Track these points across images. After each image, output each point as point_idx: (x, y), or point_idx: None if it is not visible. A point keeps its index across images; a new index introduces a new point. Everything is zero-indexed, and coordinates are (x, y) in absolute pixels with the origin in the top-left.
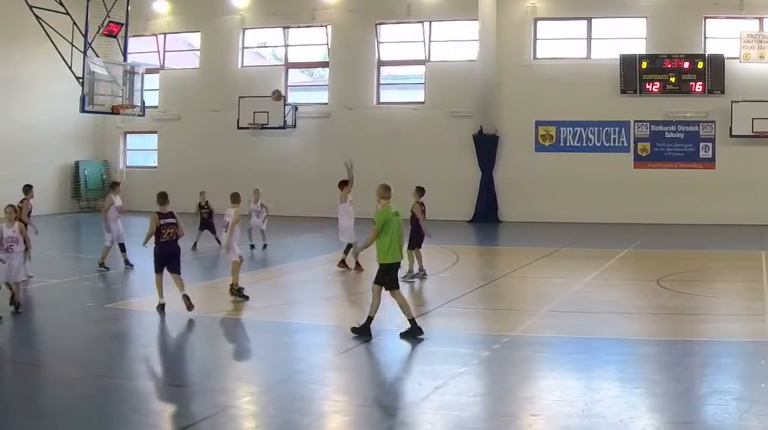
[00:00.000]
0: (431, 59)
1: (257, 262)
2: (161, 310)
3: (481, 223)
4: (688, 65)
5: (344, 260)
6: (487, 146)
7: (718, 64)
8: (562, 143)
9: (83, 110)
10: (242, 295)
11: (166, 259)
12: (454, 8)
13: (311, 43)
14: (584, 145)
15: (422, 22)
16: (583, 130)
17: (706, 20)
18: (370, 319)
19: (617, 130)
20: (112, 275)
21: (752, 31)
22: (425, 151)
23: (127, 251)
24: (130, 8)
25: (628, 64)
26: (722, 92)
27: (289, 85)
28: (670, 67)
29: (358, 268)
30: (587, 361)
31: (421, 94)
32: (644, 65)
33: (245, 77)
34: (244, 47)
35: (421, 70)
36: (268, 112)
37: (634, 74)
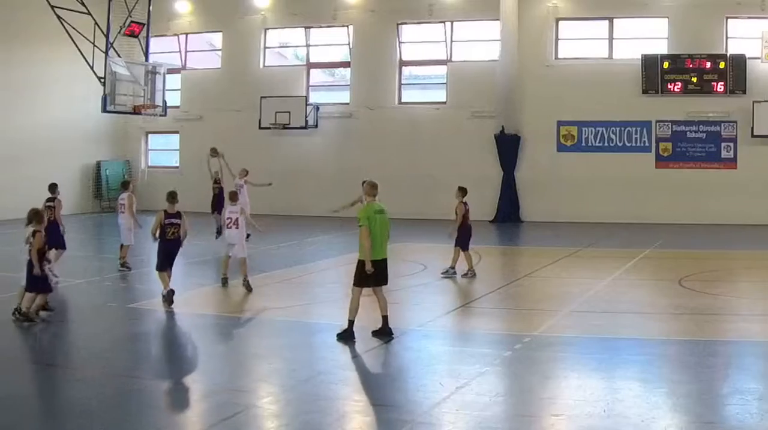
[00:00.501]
0: (453, 59)
1: (279, 262)
2: (170, 297)
3: (502, 223)
4: (709, 65)
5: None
6: (508, 146)
7: (739, 64)
8: (583, 143)
9: (105, 110)
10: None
11: (166, 256)
12: (475, 8)
13: (333, 43)
14: (606, 145)
15: (444, 22)
16: (604, 130)
17: (727, 20)
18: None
19: (639, 130)
20: (134, 275)
21: None
22: (447, 151)
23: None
24: (151, 8)
25: (649, 64)
26: (744, 92)
27: (310, 85)
28: (691, 67)
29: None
30: (609, 361)
31: (442, 94)
32: (666, 65)
33: (267, 77)
34: (265, 47)
35: (442, 70)
36: (289, 112)
37: (655, 74)
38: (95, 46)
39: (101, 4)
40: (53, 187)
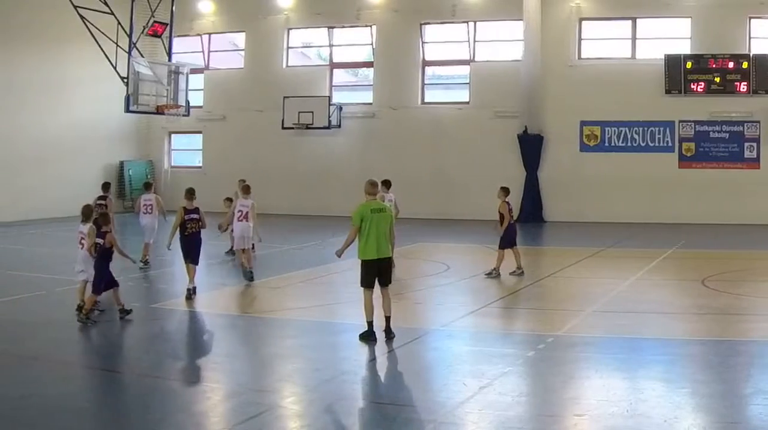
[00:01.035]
0: (476, 59)
1: (302, 262)
2: (192, 294)
3: (525, 223)
4: (732, 65)
5: None
6: (531, 146)
7: (763, 63)
8: (606, 143)
9: (128, 110)
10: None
11: (188, 251)
12: (498, 8)
13: (356, 43)
14: (629, 145)
15: (467, 22)
16: (627, 130)
17: (751, 20)
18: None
19: (662, 130)
20: (157, 275)
21: None
22: (470, 151)
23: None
24: (174, 8)
25: (672, 64)
26: (767, 92)
27: (333, 85)
28: (714, 67)
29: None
30: (632, 361)
31: (465, 94)
32: (689, 65)
33: (290, 77)
34: (288, 47)
35: (465, 70)
36: (312, 112)
37: (678, 74)
38: (118, 46)
39: (124, 4)
40: (106, 186)
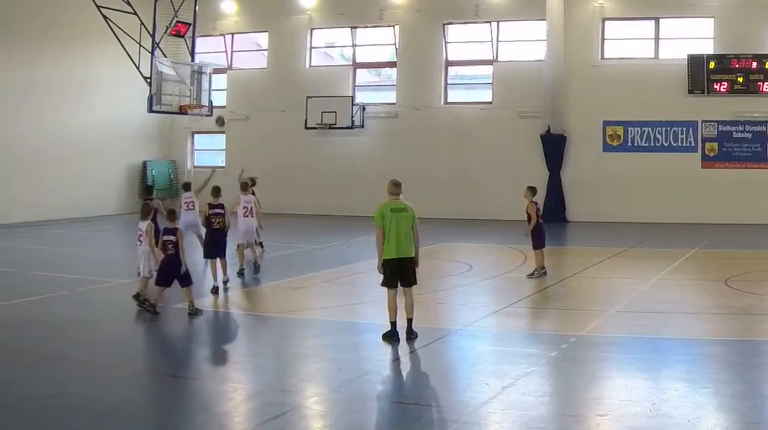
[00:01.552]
0: (499, 59)
1: (325, 262)
2: (215, 292)
3: (548, 223)
4: (755, 65)
5: None
6: (554, 146)
7: None
8: (629, 143)
9: (151, 110)
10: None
11: (215, 244)
12: (521, 8)
13: (379, 43)
14: (652, 145)
15: (490, 22)
16: (650, 130)
17: None
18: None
19: (685, 130)
20: None
21: None
22: (493, 151)
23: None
24: (197, 8)
25: (695, 64)
26: None
27: (356, 85)
28: (737, 67)
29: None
30: (654, 361)
31: (488, 94)
32: (712, 65)
33: (313, 77)
34: (311, 47)
35: (488, 70)
36: (336, 112)
37: (701, 74)
38: (141, 46)
39: (147, 4)
40: (150, 188)
